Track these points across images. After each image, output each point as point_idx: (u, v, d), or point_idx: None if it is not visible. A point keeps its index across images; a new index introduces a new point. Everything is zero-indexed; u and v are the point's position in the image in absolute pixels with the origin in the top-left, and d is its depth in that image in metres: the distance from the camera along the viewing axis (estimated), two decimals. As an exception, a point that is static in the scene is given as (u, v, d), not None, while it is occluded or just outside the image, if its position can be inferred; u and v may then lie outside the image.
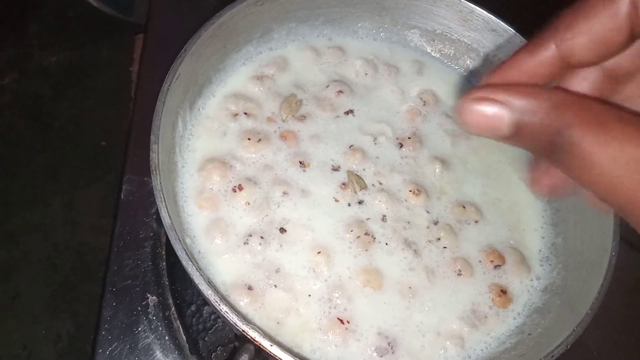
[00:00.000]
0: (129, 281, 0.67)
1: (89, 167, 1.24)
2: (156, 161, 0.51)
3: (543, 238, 0.67)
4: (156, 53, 0.86)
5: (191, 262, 0.47)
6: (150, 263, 0.68)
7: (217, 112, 0.67)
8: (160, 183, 0.50)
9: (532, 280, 0.64)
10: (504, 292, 0.62)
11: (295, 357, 0.45)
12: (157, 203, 0.49)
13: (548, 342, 0.55)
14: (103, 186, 1.24)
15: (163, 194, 0.49)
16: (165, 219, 0.48)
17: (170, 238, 0.48)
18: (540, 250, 0.66)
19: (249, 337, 0.45)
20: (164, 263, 0.68)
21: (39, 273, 1.13)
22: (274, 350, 0.45)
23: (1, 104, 1.37)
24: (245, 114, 0.67)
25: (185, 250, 0.47)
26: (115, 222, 0.71)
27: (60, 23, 1.52)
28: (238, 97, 0.68)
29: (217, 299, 0.46)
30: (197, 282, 0.46)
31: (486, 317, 0.60)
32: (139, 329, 0.64)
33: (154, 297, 0.66)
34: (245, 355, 0.46)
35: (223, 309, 0.46)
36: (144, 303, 0.66)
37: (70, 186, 1.26)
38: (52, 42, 1.49)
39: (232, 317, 0.45)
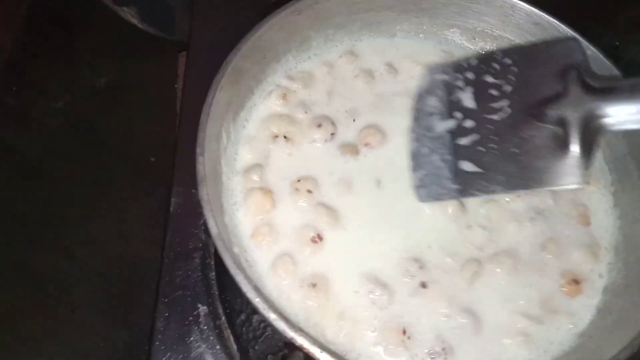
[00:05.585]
0: (180, 292, 0.68)
1: (140, 182, 1.27)
2: (202, 172, 0.52)
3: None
4: (199, 69, 0.88)
5: (239, 270, 0.47)
6: (200, 273, 0.69)
7: (258, 123, 0.67)
8: (208, 194, 0.51)
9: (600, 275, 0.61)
10: (576, 281, 0.59)
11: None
12: (205, 213, 0.50)
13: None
14: (153, 200, 1.27)
15: (210, 205, 0.50)
16: (213, 229, 0.49)
17: (217, 247, 0.49)
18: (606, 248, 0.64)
19: (297, 344, 0.45)
20: (213, 273, 0.69)
21: (96, 286, 1.17)
22: (324, 357, 0.45)
23: (56, 125, 1.42)
24: (288, 123, 0.67)
25: (232, 259, 0.48)
26: (166, 234, 0.72)
27: (107, 43, 1.56)
28: (279, 115, 0.68)
29: (266, 307, 0.46)
30: (245, 290, 0.47)
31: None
32: (191, 338, 0.65)
33: (205, 307, 0.67)
34: (296, 362, 0.46)
35: (271, 316, 0.46)
36: (195, 313, 0.67)
37: (123, 201, 1.30)
38: (100, 63, 1.53)
39: (280, 325, 0.46)
